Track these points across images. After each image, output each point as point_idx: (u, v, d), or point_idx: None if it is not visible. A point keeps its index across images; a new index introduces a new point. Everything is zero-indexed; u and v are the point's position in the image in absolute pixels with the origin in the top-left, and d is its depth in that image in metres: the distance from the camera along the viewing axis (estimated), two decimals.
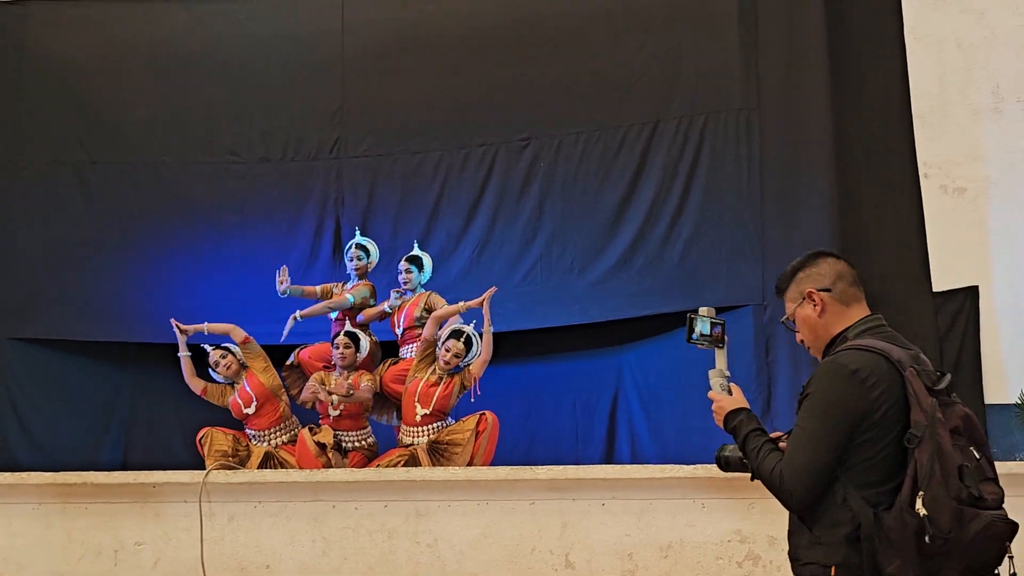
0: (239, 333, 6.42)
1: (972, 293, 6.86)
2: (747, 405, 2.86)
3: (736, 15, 7.20)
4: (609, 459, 7.32)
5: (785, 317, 2.91)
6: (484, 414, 6.09)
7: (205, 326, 6.45)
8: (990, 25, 7.11)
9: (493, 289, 6.24)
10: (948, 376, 2.58)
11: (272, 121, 7.98)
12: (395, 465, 5.91)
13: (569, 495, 5.03)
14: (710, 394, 2.88)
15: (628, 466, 5.63)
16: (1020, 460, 6.47)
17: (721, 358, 2.96)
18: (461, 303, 6.27)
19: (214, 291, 7.57)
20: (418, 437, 6.07)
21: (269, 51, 8.05)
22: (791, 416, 6.64)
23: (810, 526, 2.58)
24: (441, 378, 6.10)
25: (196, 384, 6.50)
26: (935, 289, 6.89)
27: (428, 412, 6.03)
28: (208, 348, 6.47)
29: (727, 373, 2.92)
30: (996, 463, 5.44)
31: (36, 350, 7.61)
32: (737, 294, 7.02)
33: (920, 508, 2.38)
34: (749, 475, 2.79)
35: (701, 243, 7.15)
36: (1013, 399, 6.60)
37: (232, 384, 6.42)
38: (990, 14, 7.12)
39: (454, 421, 6.18)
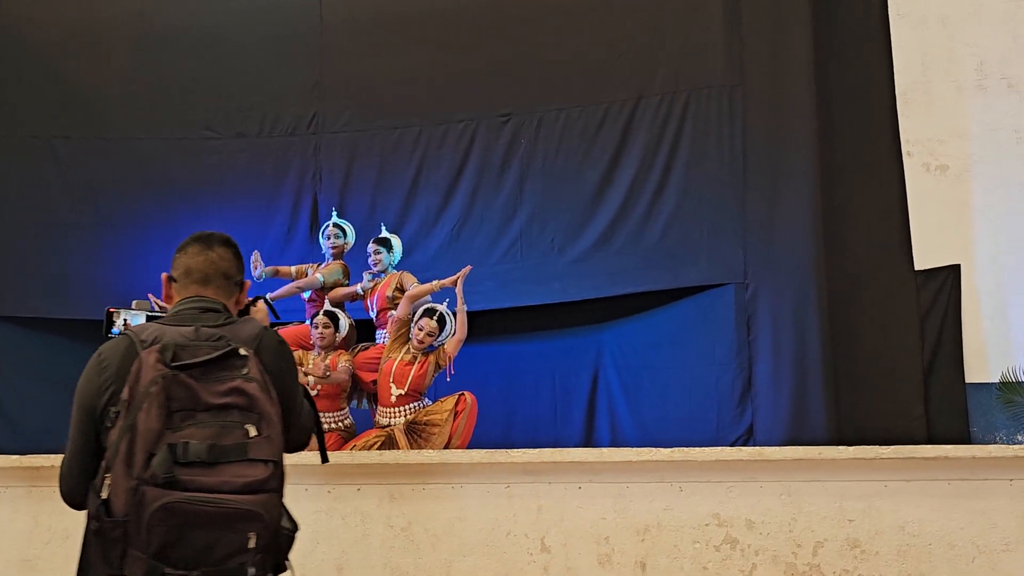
0: None
1: (954, 272, 6.85)
2: None
3: None
4: (588, 438, 7.29)
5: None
6: (463, 394, 6.04)
7: None
8: (975, 1, 7.05)
9: (467, 268, 6.17)
10: (224, 350, 2.40)
11: (249, 96, 7.89)
12: (372, 446, 5.86)
13: (545, 478, 4.98)
14: None
15: (604, 449, 5.59)
16: (1000, 441, 6.47)
17: None
18: (435, 282, 6.20)
19: None
20: (395, 418, 6.02)
21: (246, 25, 7.95)
22: (773, 395, 6.68)
23: None
24: (415, 357, 6.04)
25: None
26: (917, 267, 6.89)
27: (403, 392, 5.97)
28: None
29: None
30: (978, 444, 5.40)
31: (8, 328, 7.53)
32: (718, 272, 7.00)
33: (104, 491, 2.26)
34: None
35: (682, 221, 7.11)
36: (993, 378, 6.61)
37: None
38: None
39: (431, 402, 6.12)
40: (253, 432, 2.34)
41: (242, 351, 2.42)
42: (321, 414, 6.09)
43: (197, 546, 2.26)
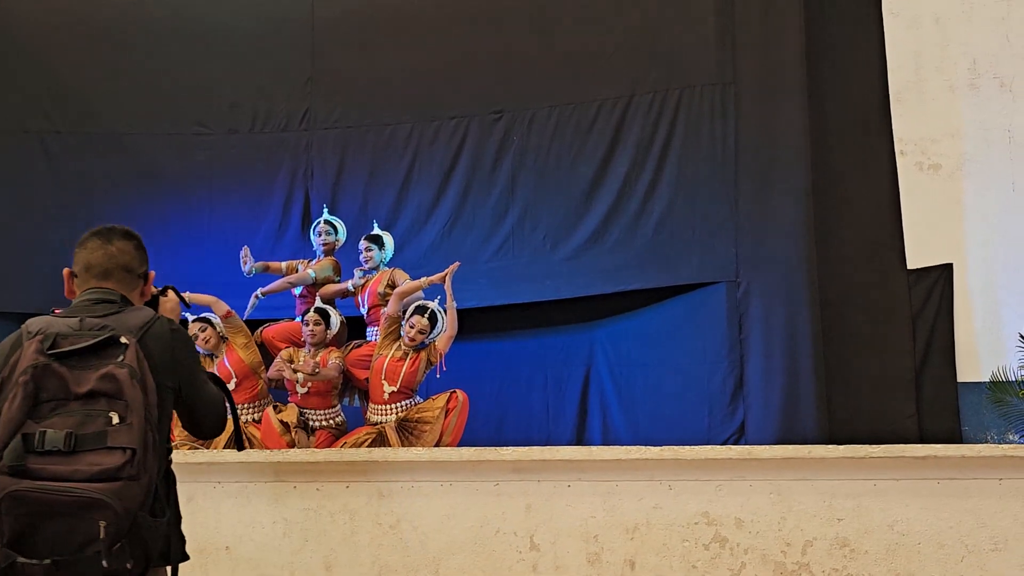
0: (222, 306, 6.29)
1: (946, 271, 6.85)
2: None
3: None
4: (580, 436, 7.29)
5: None
6: (454, 392, 6.03)
7: (187, 296, 6.30)
8: (967, 0, 7.04)
9: (456, 265, 6.17)
10: (101, 338, 2.43)
11: (240, 91, 7.86)
12: (362, 443, 5.84)
13: (534, 476, 4.97)
14: None
15: (594, 447, 5.58)
16: (991, 440, 6.47)
17: None
18: (423, 279, 6.19)
19: (181, 265, 7.44)
20: (386, 415, 6.00)
21: (238, 19, 7.92)
22: (765, 393, 6.68)
23: None
24: (407, 354, 6.02)
25: None
26: (909, 266, 6.90)
27: (395, 389, 5.95)
28: (189, 318, 6.35)
29: None
30: (968, 443, 5.39)
31: None
32: (710, 270, 7.00)
33: None
34: None
35: (674, 219, 7.10)
36: (985, 377, 6.62)
37: (211, 356, 6.31)
38: None
39: (423, 399, 6.11)
40: (116, 420, 2.35)
41: (123, 339, 2.45)
42: (312, 411, 6.13)
43: (50, 535, 2.29)
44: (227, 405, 2.80)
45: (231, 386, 6.18)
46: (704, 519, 4.86)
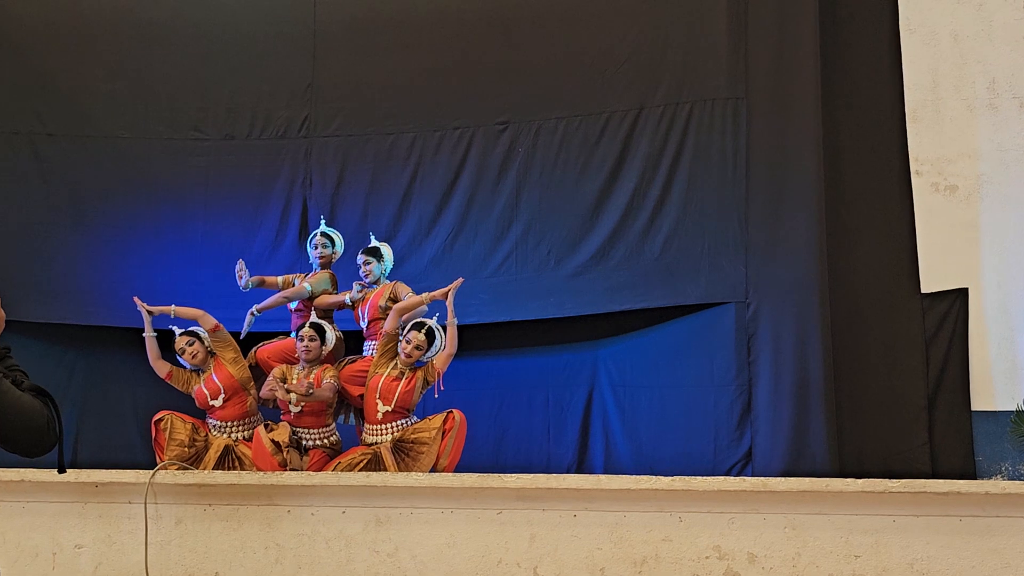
0: (209, 320, 6.12)
1: (961, 295, 6.69)
2: None
3: (725, 2, 6.96)
4: (582, 458, 7.13)
5: None
6: (451, 412, 5.87)
7: (172, 309, 6.15)
8: (987, 18, 6.92)
9: (459, 281, 6.02)
10: None
11: (239, 96, 7.69)
12: (357, 464, 5.66)
13: (538, 505, 4.79)
14: None
15: (601, 476, 5.39)
16: (1005, 471, 6.31)
17: None
18: (425, 294, 6.03)
19: (176, 274, 7.29)
20: (382, 436, 5.81)
21: (237, 22, 7.75)
22: (773, 418, 6.49)
23: None
24: (403, 373, 5.85)
25: (161, 367, 6.18)
26: (924, 290, 6.75)
27: (390, 409, 5.77)
28: (176, 331, 6.16)
29: None
30: (983, 473, 5.23)
31: None
32: (718, 290, 6.85)
33: None
34: None
35: (682, 237, 6.96)
36: (1000, 406, 6.46)
37: (198, 371, 6.12)
38: (987, 6, 6.94)
39: (419, 419, 5.92)
40: None
41: None
42: (306, 430, 5.94)
43: None
44: (52, 417, 2.56)
45: (218, 403, 6.00)
46: (716, 553, 4.67)
